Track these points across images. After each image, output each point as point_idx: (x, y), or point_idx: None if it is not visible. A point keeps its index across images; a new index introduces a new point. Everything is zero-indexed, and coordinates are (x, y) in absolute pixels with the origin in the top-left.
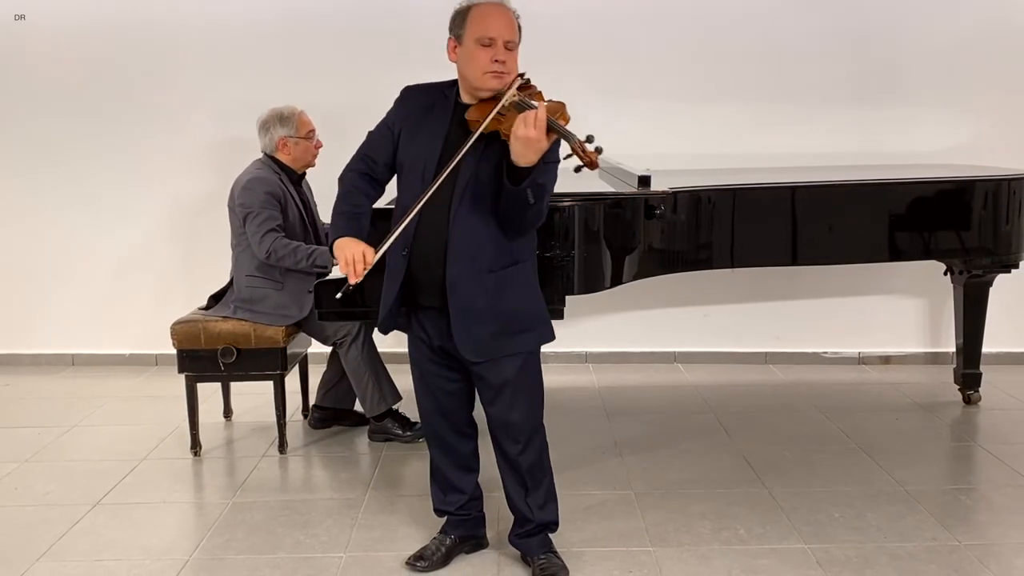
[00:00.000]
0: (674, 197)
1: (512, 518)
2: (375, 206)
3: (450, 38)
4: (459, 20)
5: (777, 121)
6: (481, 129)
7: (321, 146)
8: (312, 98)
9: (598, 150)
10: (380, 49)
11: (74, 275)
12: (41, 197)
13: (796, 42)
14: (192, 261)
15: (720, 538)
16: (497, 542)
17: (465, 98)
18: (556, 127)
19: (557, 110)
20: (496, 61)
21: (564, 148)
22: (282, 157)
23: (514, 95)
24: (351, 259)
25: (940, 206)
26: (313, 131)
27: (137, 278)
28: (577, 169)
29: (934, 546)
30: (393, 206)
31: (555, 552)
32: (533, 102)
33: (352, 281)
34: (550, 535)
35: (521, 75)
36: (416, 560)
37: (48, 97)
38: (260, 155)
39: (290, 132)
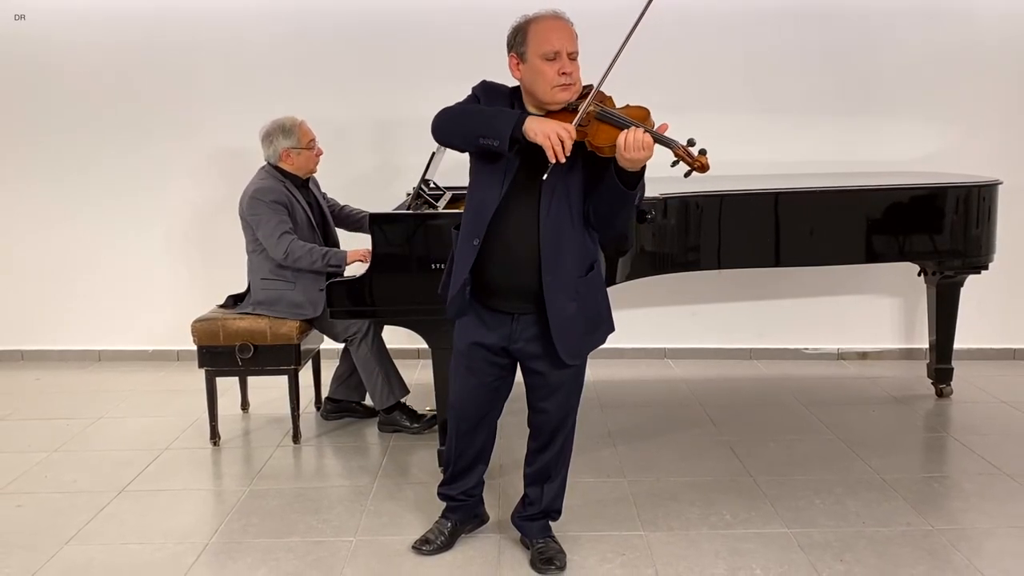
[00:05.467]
0: (664, 203)
1: (517, 498)
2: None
3: (511, 55)
4: (520, 38)
5: (760, 131)
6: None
7: (322, 153)
8: (320, 109)
9: (703, 152)
10: (387, 62)
11: (100, 275)
12: (70, 201)
13: (779, 56)
14: (212, 261)
15: (708, 523)
16: (498, 526)
17: (531, 109)
18: (660, 139)
19: (644, 117)
20: (563, 74)
21: (668, 154)
22: (285, 166)
23: (591, 106)
24: (556, 137)
25: (914, 211)
26: (313, 140)
27: (160, 278)
28: (687, 174)
29: (909, 531)
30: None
31: (553, 537)
32: (615, 112)
33: (562, 160)
34: (551, 522)
35: (588, 85)
36: (422, 544)
37: (75, 107)
38: (264, 164)
39: (293, 143)
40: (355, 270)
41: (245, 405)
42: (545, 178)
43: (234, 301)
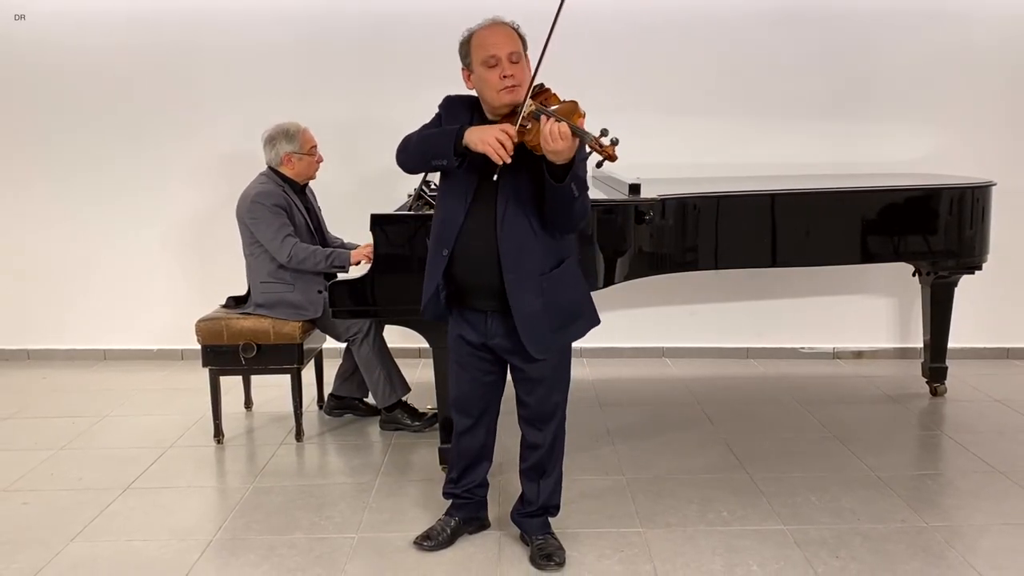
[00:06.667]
0: (662, 204)
1: (516, 496)
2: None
3: (462, 68)
4: (464, 50)
5: (758, 133)
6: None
7: (322, 160)
8: (321, 110)
9: (614, 142)
10: (389, 64)
11: (105, 275)
12: (71, 201)
13: (776, 58)
14: (216, 262)
15: (705, 520)
16: (498, 522)
17: (490, 117)
18: (575, 131)
19: (571, 111)
20: (505, 77)
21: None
22: (285, 171)
23: (529, 105)
24: (496, 141)
25: (909, 212)
26: (315, 147)
27: (164, 278)
28: (599, 164)
29: (903, 528)
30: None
31: (552, 533)
32: (548, 110)
33: (507, 160)
34: (549, 518)
35: (534, 86)
36: (423, 540)
37: (75, 108)
38: (265, 168)
39: (295, 148)
40: (357, 270)
41: (248, 403)
42: (496, 179)
43: (235, 302)
